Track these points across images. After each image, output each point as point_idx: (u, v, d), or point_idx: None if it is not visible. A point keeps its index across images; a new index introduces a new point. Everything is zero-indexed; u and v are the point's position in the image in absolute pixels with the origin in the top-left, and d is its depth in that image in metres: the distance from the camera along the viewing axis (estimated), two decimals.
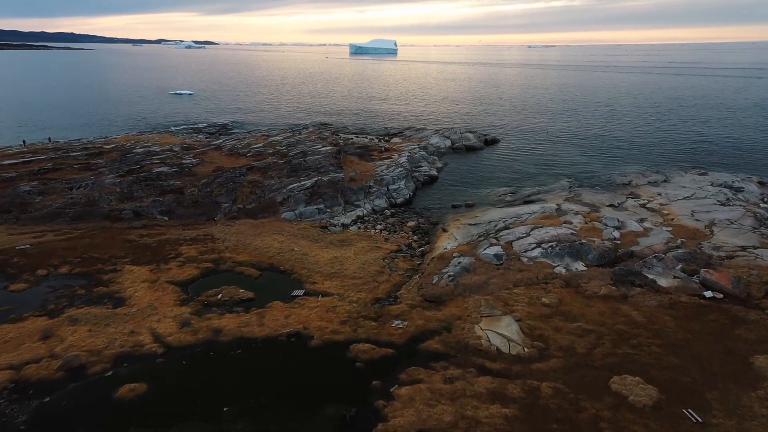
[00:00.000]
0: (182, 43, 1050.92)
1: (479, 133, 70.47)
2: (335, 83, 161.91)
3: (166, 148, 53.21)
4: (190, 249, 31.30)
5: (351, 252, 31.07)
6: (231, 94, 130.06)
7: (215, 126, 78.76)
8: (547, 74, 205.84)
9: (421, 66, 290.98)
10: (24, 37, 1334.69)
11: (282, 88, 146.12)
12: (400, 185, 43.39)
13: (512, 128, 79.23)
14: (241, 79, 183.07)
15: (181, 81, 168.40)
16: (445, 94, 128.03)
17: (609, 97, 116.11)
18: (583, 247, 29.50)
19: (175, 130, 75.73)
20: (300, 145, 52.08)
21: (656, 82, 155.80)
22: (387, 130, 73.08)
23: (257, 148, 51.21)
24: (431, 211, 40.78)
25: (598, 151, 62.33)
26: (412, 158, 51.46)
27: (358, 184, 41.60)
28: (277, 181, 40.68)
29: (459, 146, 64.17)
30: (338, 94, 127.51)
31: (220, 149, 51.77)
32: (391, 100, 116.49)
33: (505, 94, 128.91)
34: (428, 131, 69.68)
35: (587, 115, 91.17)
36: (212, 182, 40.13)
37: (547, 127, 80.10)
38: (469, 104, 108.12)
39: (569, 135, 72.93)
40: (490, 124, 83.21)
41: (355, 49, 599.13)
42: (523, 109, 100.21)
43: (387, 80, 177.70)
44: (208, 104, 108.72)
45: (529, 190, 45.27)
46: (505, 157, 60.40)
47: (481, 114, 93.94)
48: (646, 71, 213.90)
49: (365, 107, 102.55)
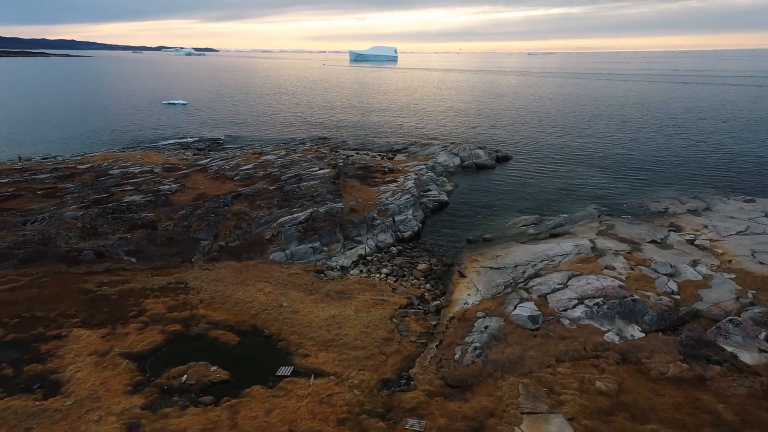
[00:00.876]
0: (182, 50, 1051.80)
1: (490, 149, 65.21)
2: (335, 92, 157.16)
3: (146, 169, 47.88)
4: (157, 303, 25.83)
5: (351, 308, 25.60)
6: (226, 104, 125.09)
7: (206, 141, 73.53)
8: (552, 83, 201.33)
9: (422, 74, 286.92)
10: (24, 44, 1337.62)
11: (279, 98, 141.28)
12: (407, 216, 37.99)
13: (523, 143, 74.00)
14: (238, 87, 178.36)
15: (176, 90, 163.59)
16: (448, 105, 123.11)
17: (620, 108, 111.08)
18: (637, 305, 24.05)
19: (163, 144, 70.56)
20: (294, 166, 46.75)
21: (665, 92, 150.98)
22: (390, 145, 67.82)
23: (246, 170, 45.87)
24: (444, 247, 35.35)
25: (620, 170, 57.01)
26: (419, 181, 46.10)
27: (359, 216, 36.19)
28: (266, 212, 35.29)
29: (469, 164, 58.89)
30: (338, 105, 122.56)
31: (205, 171, 46.41)
32: (393, 111, 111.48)
33: (511, 104, 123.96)
34: (435, 147, 64.43)
35: (601, 127, 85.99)
36: (191, 214, 34.72)
37: (560, 141, 74.88)
38: (475, 116, 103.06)
39: (586, 151, 67.65)
40: (498, 138, 78.02)
41: (355, 57, 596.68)
42: (532, 121, 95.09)
43: (388, 89, 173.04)
44: (202, 115, 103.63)
45: (554, 220, 39.87)
46: (520, 177, 55.06)
47: (489, 126, 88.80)
48: (651, 80, 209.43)
49: (366, 120, 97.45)
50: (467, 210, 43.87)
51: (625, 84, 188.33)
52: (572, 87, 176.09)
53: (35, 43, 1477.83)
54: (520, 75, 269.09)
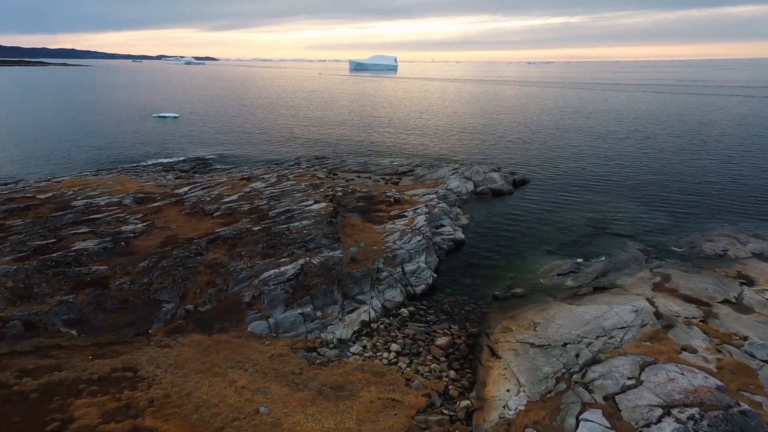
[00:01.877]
0: (182, 59, 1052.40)
1: (505, 171, 58.79)
2: (334, 104, 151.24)
3: (115, 200, 41.36)
4: (90, 408, 19.13)
5: (352, 417, 18.93)
6: (220, 117, 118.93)
7: (192, 161, 67.11)
8: (557, 94, 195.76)
9: (423, 83, 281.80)
10: (25, 53, 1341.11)
11: (276, 110, 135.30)
12: (419, 264, 31.41)
13: (538, 163, 67.63)
14: (233, 98, 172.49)
15: (168, 102, 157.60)
16: (453, 118, 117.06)
17: (635, 122, 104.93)
18: (749, 420, 17.39)
19: (145, 166, 64.16)
20: (286, 198, 40.21)
21: (677, 103, 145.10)
22: (394, 167, 61.38)
23: (229, 203, 39.33)
24: (466, 306, 28.74)
25: (655, 197, 50.53)
26: (431, 215, 39.57)
27: (362, 267, 29.58)
28: (247, 262, 28.70)
29: (484, 190, 52.45)
30: (337, 119, 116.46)
31: (181, 203, 39.87)
32: (396, 125, 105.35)
33: (519, 118, 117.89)
34: (444, 170, 58.02)
35: (620, 144, 79.71)
36: (154, 266, 28.12)
37: (579, 161, 68.52)
38: (482, 131, 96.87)
39: (610, 173, 61.24)
40: (511, 157, 71.68)
41: (354, 66, 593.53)
42: (545, 137, 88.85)
43: (389, 101, 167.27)
44: (192, 130, 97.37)
45: (594, 265, 33.30)
46: (542, 206, 48.54)
47: (499, 144, 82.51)
48: (658, 90, 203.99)
49: (367, 136, 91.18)
50: (487, 251, 37.30)
51: (633, 95, 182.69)
52: (579, 98, 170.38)
53: (36, 52, 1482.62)
54: (523, 85, 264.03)
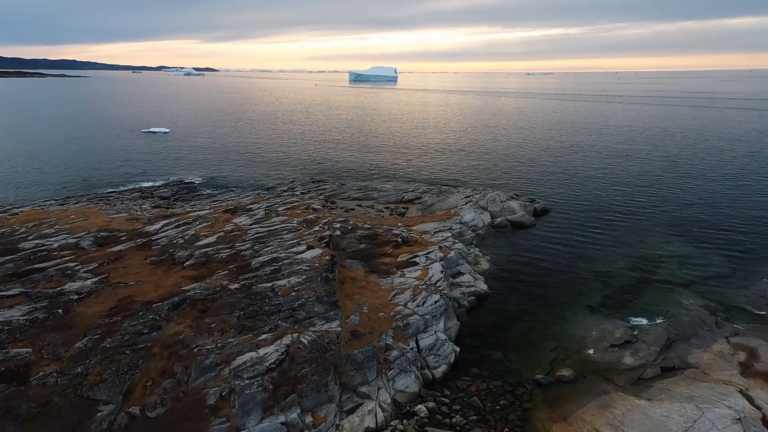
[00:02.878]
0: (182, 69, 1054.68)
1: (523, 199, 52.48)
2: (333, 119, 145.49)
3: (72, 241, 34.93)
4: None
5: None
6: (213, 132, 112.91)
7: (175, 185, 60.79)
8: (561, 107, 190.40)
9: (423, 95, 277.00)
10: (26, 64, 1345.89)
11: (272, 125, 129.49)
12: (437, 334, 24.94)
13: (556, 187, 61.39)
14: (229, 111, 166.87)
15: (161, 115, 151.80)
16: (458, 135, 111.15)
17: (653, 137, 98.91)
18: None
19: (122, 191, 57.87)
20: (273, 240, 33.75)
21: (689, 116, 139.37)
22: (399, 193, 55.03)
23: (206, 246, 32.87)
24: (500, 398, 22.16)
25: (699, 231, 44.11)
26: (446, 260, 33.13)
27: (365, 344, 23.08)
28: (217, 339, 22.17)
29: (502, 223, 46.08)
30: (335, 136, 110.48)
31: (148, 246, 33.42)
32: (398, 143, 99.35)
33: (527, 134, 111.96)
34: (455, 197, 51.68)
35: (643, 165, 73.52)
36: (94, 348, 21.56)
37: (600, 183, 62.28)
38: (489, 149, 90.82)
39: (640, 200, 54.90)
40: (524, 179, 65.45)
41: (354, 77, 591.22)
42: (558, 156, 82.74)
43: (390, 114, 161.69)
44: (182, 147, 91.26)
45: (654, 333, 26.75)
46: (571, 242, 42.12)
47: (509, 164, 76.33)
48: (665, 102, 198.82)
49: (368, 155, 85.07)
50: (517, 307, 30.79)
51: (640, 108, 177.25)
52: (585, 112, 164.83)
53: (36, 63, 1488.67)
54: (525, 97, 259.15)
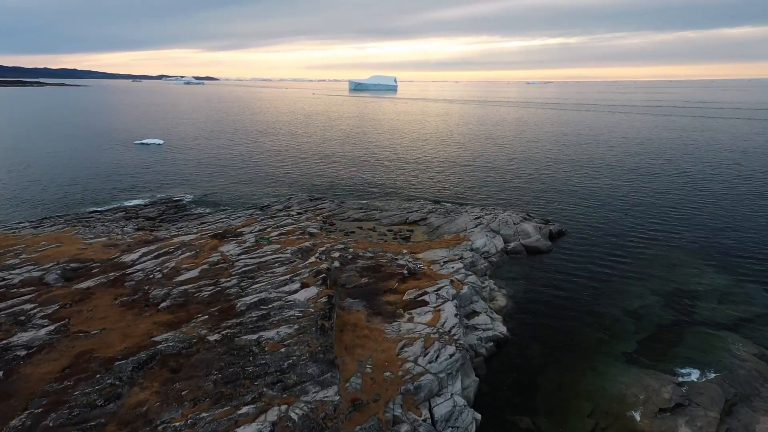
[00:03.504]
0: (182, 78, 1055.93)
1: (537, 221, 48.61)
2: (332, 130, 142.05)
3: (37, 274, 30.97)
4: None
5: None
6: (208, 144, 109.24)
7: (163, 204, 56.90)
8: (565, 117, 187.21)
9: (424, 105, 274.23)
10: (26, 73, 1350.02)
11: (269, 138, 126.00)
12: (453, 399, 20.93)
13: (569, 205, 57.58)
14: (226, 122, 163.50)
15: (156, 126, 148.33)
16: (462, 148, 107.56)
17: (663, 151, 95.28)
18: None
19: (105, 210, 53.97)
20: (262, 275, 29.77)
21: (697, 127, 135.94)
22: (402, 213, 51.10)
23: (186, 283, 28.89)
24: None
25: (735, 259, 40.18)
26: (459, 298, 29.17)
27: (369, 417, 19.04)
28: (187, 413, 18.11)
29: (516, 248, 42.16)
30: (335, 148, 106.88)
31: (121, 282, 29.44)
32: (400, 156, 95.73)
33: (533, 147, 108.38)
34: (464, 218, 47.78)
35: (660, 182, 69.77)
36: (34, 427, 17.48)
37: (617, 202, 58.47)
38: (495, 163, 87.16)
39: (662, 221, 51.00)
40: (534, 196, 61.65)
41: (354, 86, 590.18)
42: (568, 171, 78.99)
43: (391, 125, 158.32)
44: (175, 160, 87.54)
45: (709, 392, 22.71)
46: (594, 272, 38.18)
47: (517, 179, 72.56)
48: (670, 113, 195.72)
49: (368, 170, 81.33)
50: (541, 355, 26.79)
51: (644, 118, 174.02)
52: (590, 122, 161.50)
53: (37, 72, 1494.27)
54: (527, 107, 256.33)
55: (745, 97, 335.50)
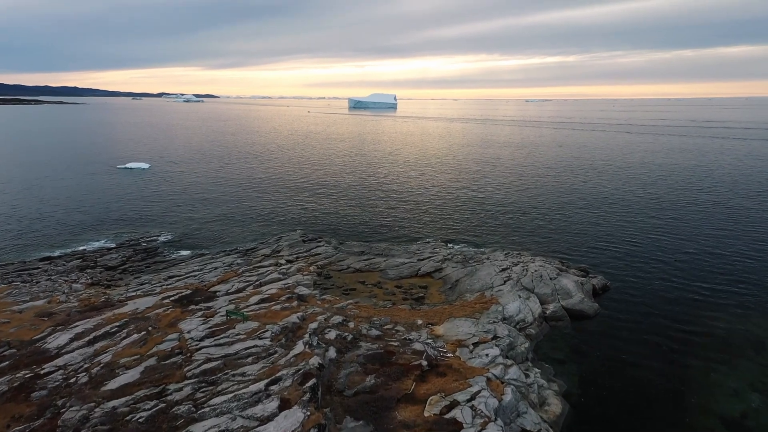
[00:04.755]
0: (182, 96, 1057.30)
1: (574, 271, 40.41)
2: (331, 153, 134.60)
3: None
4: None
5: None
6: (197, 169, 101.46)
7: (131, 247, 48.66)
8: (571, 137, 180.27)
9: (425, 124, 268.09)
10: (27, 91, 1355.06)
11: (262, 162, 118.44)
12: None
13: (602, 247, 49.47)
14: (220, 143, 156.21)
15: (145, 147, 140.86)
16: (470, 175, 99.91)
17: (689, 176, 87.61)
18: None
19: (61, 256, 45.71)
20: (228, 377, 21.45)
21: (715, 149, 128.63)
22: (412, 262, 42.75)
23: (118, 393, 20.59)
24: None
25: None
26: (503, 410, 20.82)
27: None
28: None
29: (557, 313, 33.92)
30: (332, 177, 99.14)
31: (30, 388, 21.11)
32: (404, 185, 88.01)
33: (546, 173, 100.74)
34: (487, 268, 39.51)
35: (698, 216, 61.81)
36: None
37: (659, 243, 50.38)
38: (509, 194, 79.31)
39: (725, 271, 42.74)
40: (559, 235, 53.58)
41: (354, 104, 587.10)
42: (589, 202, 71.04)
43: (392, 147, 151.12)
44: (156, 189, 79.60)
45: None
46: (663, 349, 29.85)
47: (535, 214, 64.53)
48: (680, 132, 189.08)
49: (370, 202, 73.36)
50: None
51: (655, 138, 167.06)
52: (599, 143, 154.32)
53: (39, 90, 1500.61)
54: (529, 126, 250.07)
55: (751, 116, 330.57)
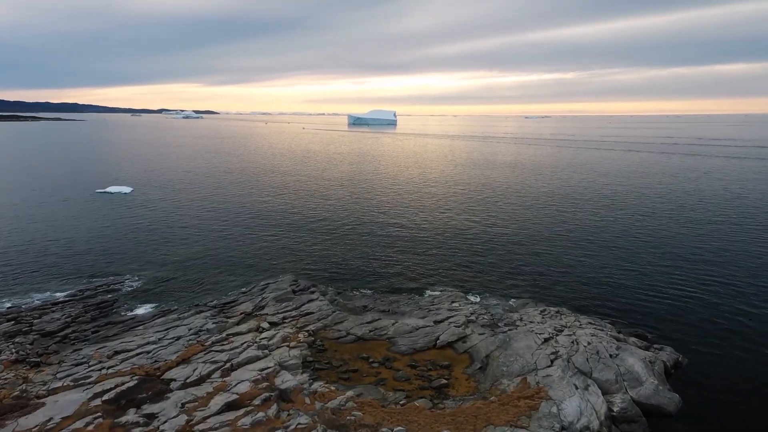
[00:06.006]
0: (182, 112, 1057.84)
1: (634, 341, 31.82)
2: (327, 178, 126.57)
3: None
4: None
5: None
6: (181, 194, 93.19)
7: (82, 301, 39.98)
8: (578, 156, 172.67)
9: (426, 142, 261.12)
10: (27, 107, 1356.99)
11: (253, 188, 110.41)
12: None
13: (653, 296, 40.98)
14: (213, 163, 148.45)
15: (130, 168, 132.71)
16: (480, 201, 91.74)
17: (726, 201, 79.50)
18: None
19: None
20: None
21: (741, 169, 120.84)
22: (426, 315, 34.07)
23: None
24: None
25: None
26: None
27: None
28: None
29: (627, 411, 25.32)
30: (329, 212, 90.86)
31: None
32: (409, 216, 79.69)
33: (563, 199, 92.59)
34: (524, 339, 30.91)
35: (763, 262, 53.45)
36: None
37: (717, 285, 41.89)
38: (526, 224, 71.02)
39: None
40: (598, 283, 45.08)
41: (353, 120, 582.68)
42: (623, 234, 62.68)
43: (395, 167, 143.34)
44: (134, 219, 71.22)
45: None
46: None
47: (556, 249, 56.10)
48: (693, 151, 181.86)
49: (371, 239, 64.94)
50: None
51: (668, 158, 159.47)
52: (610, 162, 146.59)
53: (39, 106, 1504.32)
54: (534, 144, 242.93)
55: (760, 134, 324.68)
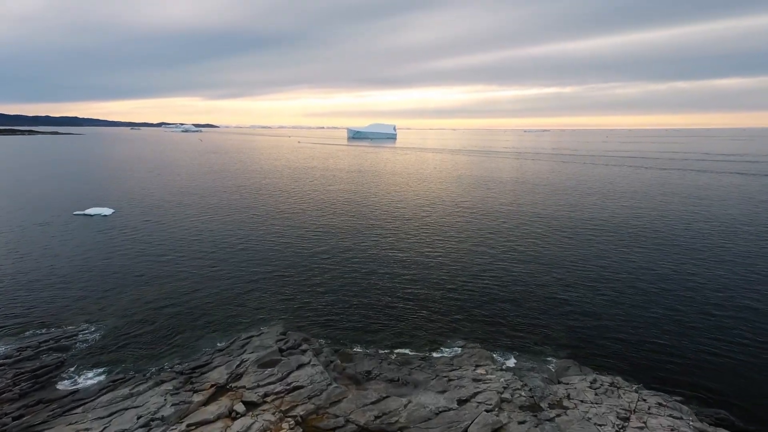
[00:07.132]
0: (182, 126, 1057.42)
1: (707, 423, 24.48)
2: (323, 201, 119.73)
3: None
4: None
5: None
6: (166, 217, 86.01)
7: (15, 368, 32.59)
8: (586, 172, 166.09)
9: (427, 156, 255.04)
10: (27, 121, 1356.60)
11: (247, 210, 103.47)
12: None
13: (714, 359, 33.73)
14: (204, 181, 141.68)
15: (116, 187, 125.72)
16: (495, 233, 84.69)
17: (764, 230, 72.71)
18: None
19: None
20: None
21: None
22: (447, 389, 26.73)
23: None
24: None
25: None
26: None
27: None
28: None
29: None
30: (327, 242, 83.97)
31: None
32: (416, 250, 72.64)
33: (587, 232, 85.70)
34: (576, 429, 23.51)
35: None
36: None
37: None
38: (549, 261, 63.93)
39: None
40: (661, 346, 37.87)
41: (353, 134, 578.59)
42: (667, 276, 55.65)
43: (396, 189, 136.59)
44: (108, 248, 64.01)
45: None
46: None
47: (589, 293, 48.95)
48: (706, 168, 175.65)
49: (373, 287, 57.83)
50: None
51: (681, 174, 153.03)
52: (623, 179, 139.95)
53: (39, 120, 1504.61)
54: (538, 160, 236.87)
55: (763, 148, 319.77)
